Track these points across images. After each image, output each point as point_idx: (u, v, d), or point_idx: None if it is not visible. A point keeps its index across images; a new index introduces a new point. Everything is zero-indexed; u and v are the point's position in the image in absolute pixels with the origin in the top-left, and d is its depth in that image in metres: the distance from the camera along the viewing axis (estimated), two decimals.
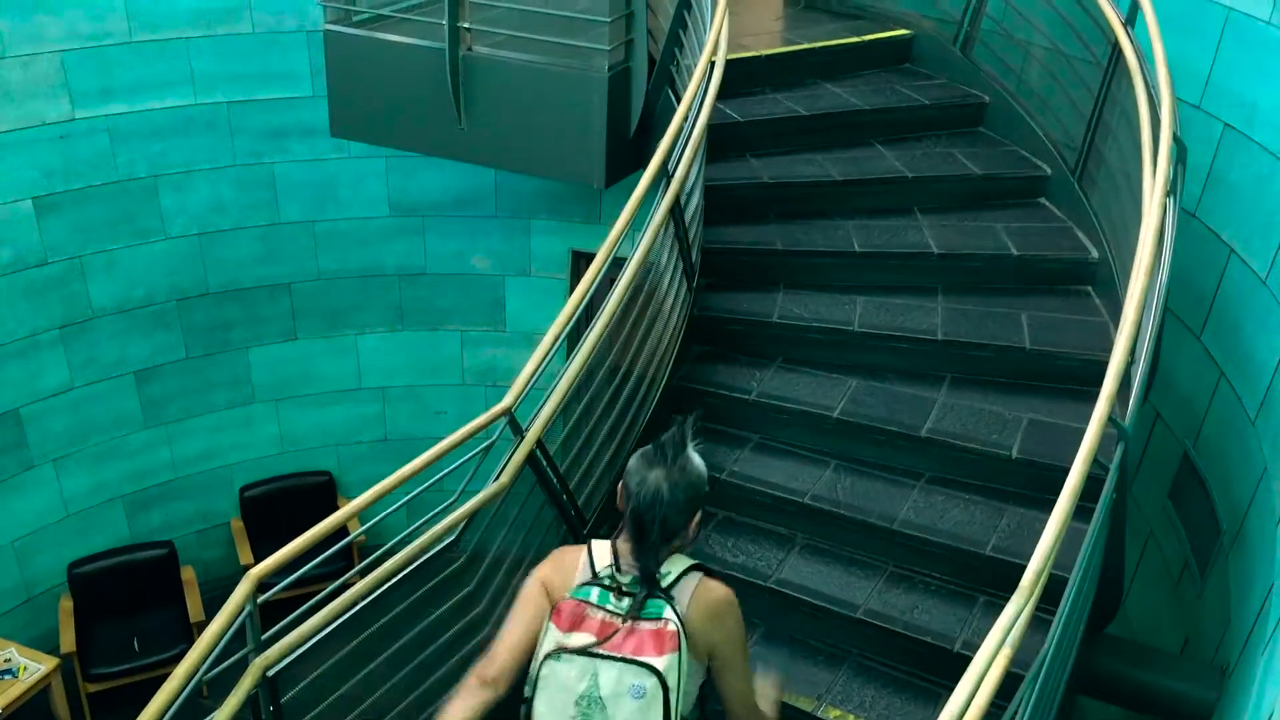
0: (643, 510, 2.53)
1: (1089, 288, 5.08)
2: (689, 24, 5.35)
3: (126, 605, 7.31)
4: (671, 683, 2.41)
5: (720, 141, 5.41)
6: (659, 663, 2.41)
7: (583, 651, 2.45)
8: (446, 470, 3.47)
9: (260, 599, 3.03)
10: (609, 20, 5.43)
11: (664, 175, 4.29)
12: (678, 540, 2.59)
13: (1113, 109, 5.00)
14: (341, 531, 3.36)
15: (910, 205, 5.50)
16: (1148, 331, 3.48)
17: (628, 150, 5.78)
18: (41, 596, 7.39)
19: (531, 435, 3.71)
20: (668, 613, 2.47)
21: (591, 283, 3.95)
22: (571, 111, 5.70)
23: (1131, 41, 4.71)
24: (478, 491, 3.59)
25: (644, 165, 4.29)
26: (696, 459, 2.61)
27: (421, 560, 3.50)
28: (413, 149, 6.85)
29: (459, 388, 8.34)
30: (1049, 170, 5.57)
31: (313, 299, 7.88)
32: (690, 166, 4.40)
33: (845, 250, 5.19)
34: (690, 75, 4.77)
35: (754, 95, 5.98)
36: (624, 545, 2.61)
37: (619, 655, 2.43)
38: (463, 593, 3.69)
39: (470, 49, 5.79)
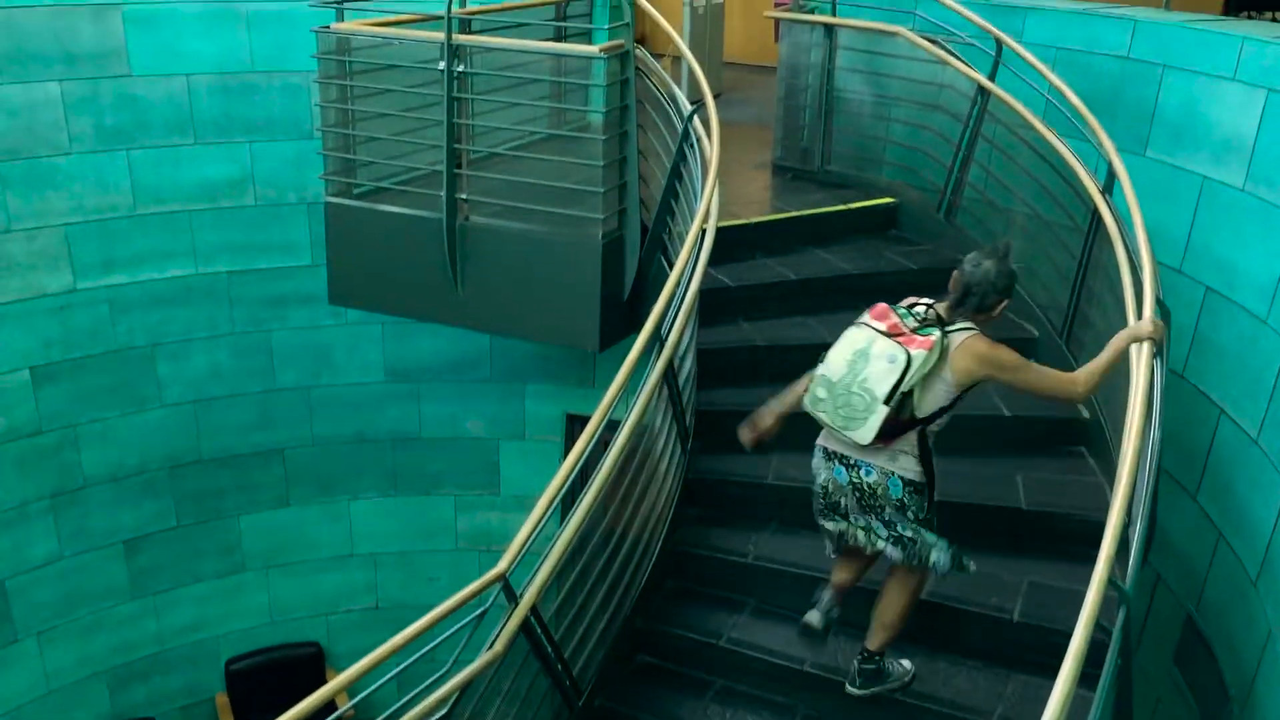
0: (972, 283, 3.58)
1: (1083, 448, 5.09)
2: (680, 193, 5.50)
3: None
4: (914, 365, 3.48)
5: (713, 306, 5.49)
6: (913, 350, 3.50)
7: (874, 328, 3.60)
8: (439, 639, 3.39)
9: None
10: (603, 190, 5.58)
11: (658, 339, 4.33)
12: (983, 315, 3.62)
13: (1095, 272, 5.09)
14: (330, 706, 3.26)
15: None
16: (1143, 492, 3.47)
17: (622, 314, 5.86)
18: None
19: (526, 602, 3.65)
20: (935, 333, 3.53)
21: (586, 446, 3.95)
22: (567, 278, 5.80)
23: (1110, 208, 4.83)
24: (471, 661, 3.50)
25: (638, 329, 4.33)
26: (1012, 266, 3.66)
27: None
28: (409, 316, 6.93)
29: (452, 553, 8.24)
30: (1036, 333, 5.64)
31: (306, 465, 7.86)
32: (683, 330, 4.46)
33: None
34: (682, 242, 4.87)
35: (745, 261, 6.10)
36: (942, 305, 3.64)
37: (892, 335, 3.55)
38: None
39: (467, 218, 5.92)
